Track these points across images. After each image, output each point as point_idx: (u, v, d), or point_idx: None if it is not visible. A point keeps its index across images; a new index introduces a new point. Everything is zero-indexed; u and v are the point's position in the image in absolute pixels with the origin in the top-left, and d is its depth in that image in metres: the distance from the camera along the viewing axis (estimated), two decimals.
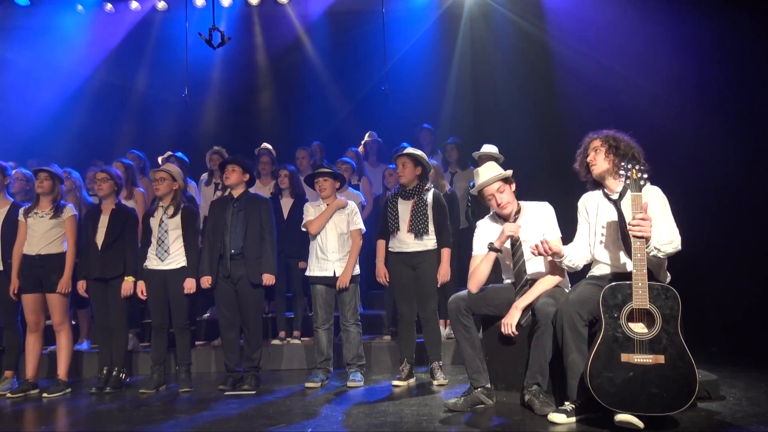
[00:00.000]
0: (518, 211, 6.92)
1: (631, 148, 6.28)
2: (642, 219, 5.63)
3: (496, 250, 6.74)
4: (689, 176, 9.83)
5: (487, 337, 7.05)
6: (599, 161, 6.35)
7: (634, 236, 5.62)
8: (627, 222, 5.81)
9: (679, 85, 10.22)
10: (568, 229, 6.75)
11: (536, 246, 6.26)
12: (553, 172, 10.45)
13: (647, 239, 5.64)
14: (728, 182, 9.78)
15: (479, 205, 9.83)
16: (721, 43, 9.91)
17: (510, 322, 6.56)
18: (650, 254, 5.74)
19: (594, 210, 6.42)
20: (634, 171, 5.77)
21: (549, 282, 6.70)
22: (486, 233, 7.04)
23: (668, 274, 6.24)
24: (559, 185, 6.86)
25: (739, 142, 9.61)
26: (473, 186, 8.49)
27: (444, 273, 8.42)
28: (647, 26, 10.71)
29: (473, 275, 6.84)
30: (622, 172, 5.85)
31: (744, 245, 9.65)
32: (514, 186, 6.97)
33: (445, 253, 8.46)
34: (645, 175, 5.77)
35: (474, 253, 7.04)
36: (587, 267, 6.53)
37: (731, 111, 9.85)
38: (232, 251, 8.57)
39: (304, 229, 8.86)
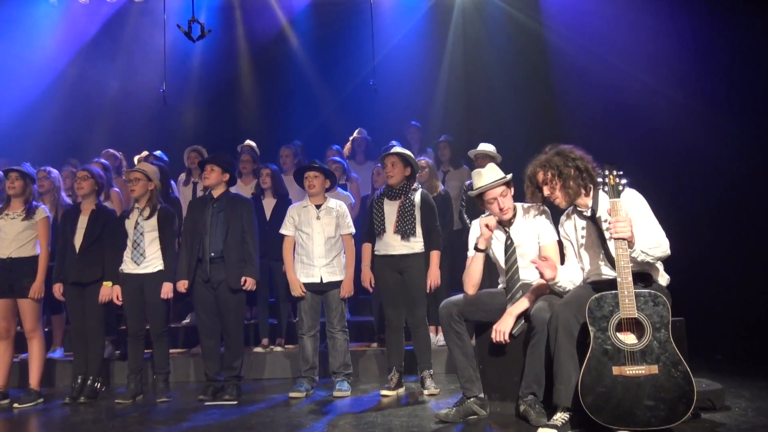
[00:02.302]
0: (514, 215, 6.95)
1: (581, 161, 6.25)
2: (618, 221, 5.65)
3: (482, 250, 6.78)
4: (693, 176, 9.88)
5: (480, 344, 7.04)
6: (558, 194, 6.32)
7: (615, 240, 5.65)
8: (605, 229, 5.86)
9: (684, 83, 10.25)
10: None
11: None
12: None
13: (630, 241, 5.65)
14: (735, 182, 9.79)
15: (473, 206, 9.86)
16: (729, 39, 9.93)
17: (503, 330, 6.53)
18: (638, 259, 5.75)
19: (572, 232, 6.48)
20: (611, 177, 5.79)
21: (544, 287, 6.68)
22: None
23: (666, 276, 6.23)
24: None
25: (745, 141, 9.67)
26: (470, 185, 8.53)
27: (434, 276, 8.40)
28: (652, 20, 10.69)
29: (465, 277, 6.87)
30: (599, 179, 5.88)
31: (750, 248, 9.65)
32: (513, 191, 6.98)
33: (434, 256, 8.45)
34: (623, 180, 5.80)
35: (469, 253, 7.07)
36: None
37: (739, 109, 9.86)
38: (212, 254, 8.56)
39: (282, 233, 8.89)
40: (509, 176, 6.92)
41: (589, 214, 6.26)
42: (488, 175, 6.89)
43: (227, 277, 8.56)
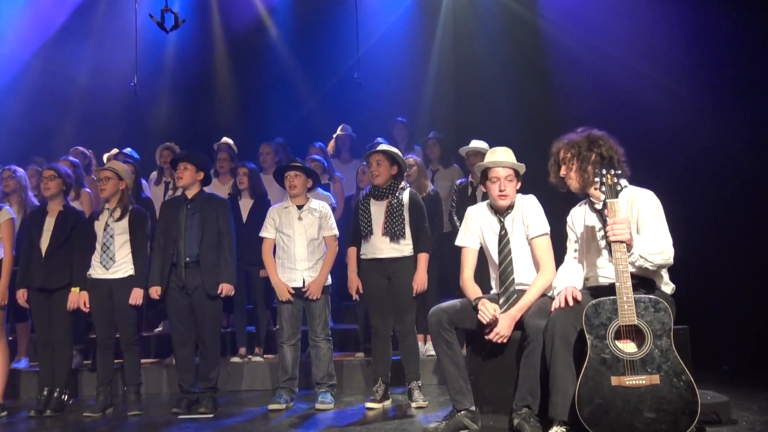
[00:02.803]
0: (512, 207, 6.98)
1: (607, 149, 6.28)
2: (615, 223, 5.65)
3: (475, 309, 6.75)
4: (698, 176, 9.87)
5: (471, 354, 7.05)
6: (572, 176, 6.39)
7: (612, 242, 5.66)
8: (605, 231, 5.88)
9: (689, 76, 10.23)
10: (561, 239, 6.78)
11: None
12: (546, 172, 10.44)
13: (628, 244, 5.65)
14: (743, 182, 9.75)
15: (465, 207, 9.87)
16: (737, 29, 9.89)
17: (505, 334, 6.53)
18: (636, 263, 5.74)
19: (581, 223, 6.48)
20: (609, 176, 5.81)
21: (541, 286, 6.72)
22: (475, 223, 7.12)
23: (671, 285, 6.21)
24: (552, 186, 6.86)
25: (753, 139, 9.64)
26: (461, 184, 8.56)
27: (420, 280, 8.37)
28: (653, 9, 10.68)
29: (463, 290, 6.93)
30: (596, 179, 5.90)
31: (759, 252, 9.60)
32: (519, 185, 7.03)
33: (422, 258, 8.42)
34: (621, 180, 5.82)
35: (459, 243, 7.16)
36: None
37: (748, 105, 9.81)
38: (187, 259, 8.54)
39: (262, 236, 8.88)
40: (522, 166, 6.99)
41: (600, 207, 6.27)
42: (503, 154, 6.97)
43: (203, 283, 8.52)
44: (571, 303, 6.03)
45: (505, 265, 6.84)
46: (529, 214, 6.89)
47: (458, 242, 7.14)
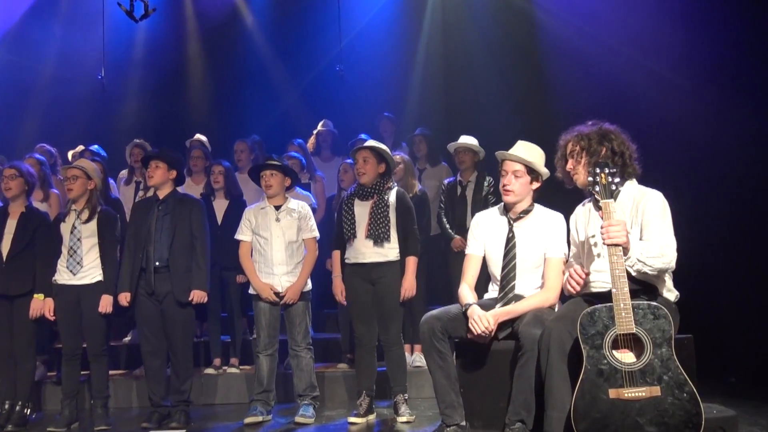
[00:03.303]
0: (527, 212, 6.89)
1: (619, 144, 6.24)
2: (610, 225, 5.61)
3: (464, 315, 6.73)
4: (703, 176, 9.85)
5: (461, 366, 6.97)
6: (580, 171, 6.32)
7: (607, 245, 5.61)
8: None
9: (693, 68, 10.18)
10: None
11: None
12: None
13: (624, 247, 5.61)
14: (752, 183, 9.70)
15: (454, 208, 9.86)
16: (745, 17, 9.89)
17: (484, 325, 6.42)
18: (634, 268, 5.70)
19: (584, 224, 6.44)
20: (603, 175, 5.77)
21: (538, 300, 6.64)
22: (481, 229, 7.04)
23: (675, 292, 6.16)
24: (547, 186, 6.86)
25: (763, 137, 9.59)
26: (449, 184, 8.56)
27: (408, 286, 8.35)
28: None
29: (459, 297, 6.88)
30: (590, 178, 5.89)
31: None
32: (535, 186, 6.89)
33: (411, 262, 8.40)
34: (616, 179, 5.78)
35: (467, 251, 7.10)
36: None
37: (758, 101, 9.73)
38: (156, 263, 8.51)
39: (238, 238, 8.85)
40: (541, 169, 6.86)
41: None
42: (518, 147, 6.89)
43: (173, 290, 8.50)
44: (580, 281, 6.07)
45: (508, 269, 6.78)
46: (553, 233, 6.78)
47: (468, 251, 7.11)
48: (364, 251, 8.39)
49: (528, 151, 6.86)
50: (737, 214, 9.76)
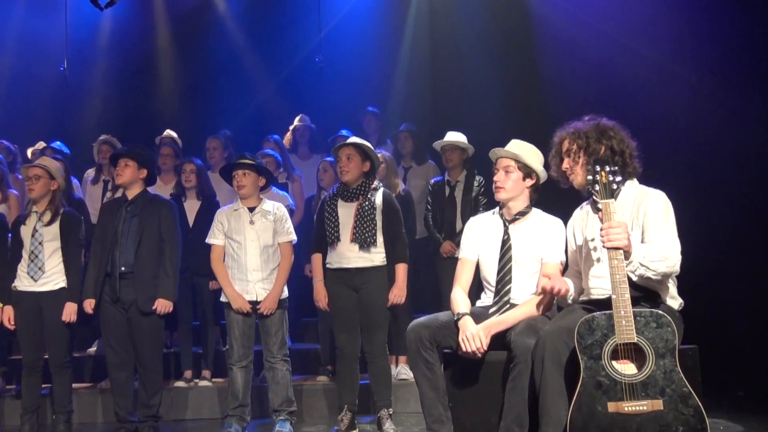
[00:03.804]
0: (524, 214, 6.86)
1: (618, 142, 6.18)
2: (611, 227, 5.55)
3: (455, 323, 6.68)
4: (709, 175, 9.84)
5: (450, 377, 6.88)
6: (578, 171, 6.27)
7: (607, 249, 5.56)
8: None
9: (696, 60, 10.16)
10: None
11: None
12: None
13: (626, 251, 5.55)
14: (762, 181, 9.66)
15: (442, 210, 9.83)
16: (752, 5, 9.88)
17: (476, 345, 6.32)
18: (636, 272, 5.64)
19: (581, 227, 6.41)
20: (603, 174, 5.72)
21: (530, 312, 6.58)
22: (475, 232, 7.00)
23: (679, 300, 6.11)
24: (546, 192, 6.84)
25: None
26: (436, 183, 8.54)
27: (398, 293, 8.34)
28: None
29: (451, 303, 6.83)
30: (590, 177, 5.86)
31: None
32: (529, 183, 6.83)
33: (401, 270, 8.39)
34: (617, 178, 5.74)
35: (460, 255, 7.04)
36: None
37: (764, 89, 9.73)
38: (122, 269, 8.46)
39: (210, 242, 8.81)
40: (535, 165, 6.81)
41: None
42: (511, 144, 6.87)
43: (137, 297, 8.45)
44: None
45: (503, 274, 6.73)
46: (551, 237, 6.74)
47: (462, 254, 7.07)
48: (349, 255, 8.36)
49: (519, 147, 6.84)
50: (746, 214, 9.73)
